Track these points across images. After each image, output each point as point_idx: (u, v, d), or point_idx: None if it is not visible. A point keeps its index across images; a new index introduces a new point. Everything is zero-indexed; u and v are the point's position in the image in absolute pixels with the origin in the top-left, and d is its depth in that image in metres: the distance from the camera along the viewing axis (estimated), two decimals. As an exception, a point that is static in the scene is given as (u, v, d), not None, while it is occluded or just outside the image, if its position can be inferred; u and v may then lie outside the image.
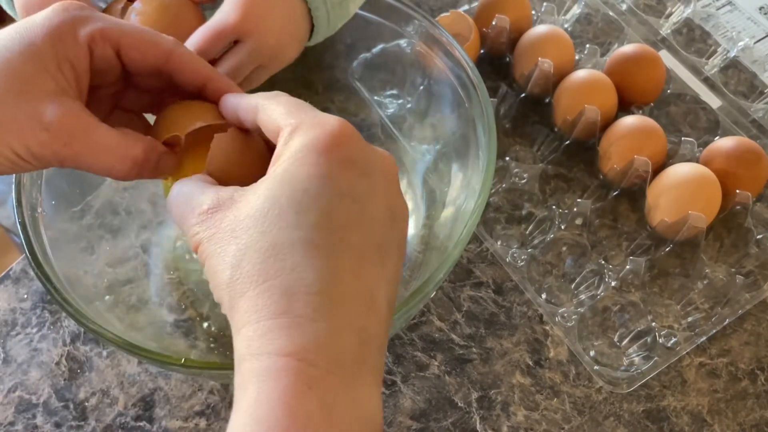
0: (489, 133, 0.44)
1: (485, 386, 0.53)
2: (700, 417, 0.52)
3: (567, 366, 0.54)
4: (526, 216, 0.60)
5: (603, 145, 0.61)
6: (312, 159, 0.26)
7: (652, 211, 0.58)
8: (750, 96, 0.70)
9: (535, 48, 0.64)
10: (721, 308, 0.56)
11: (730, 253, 0.60)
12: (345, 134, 0.26)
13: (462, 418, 0.51)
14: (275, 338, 0.23)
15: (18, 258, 0.57)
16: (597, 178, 0.62)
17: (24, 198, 0.40)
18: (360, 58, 0.59)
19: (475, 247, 0.59)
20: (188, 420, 0.50)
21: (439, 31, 0.49)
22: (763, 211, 0.62)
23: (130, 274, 0.51)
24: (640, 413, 0.52)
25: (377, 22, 0.52)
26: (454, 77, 0.49)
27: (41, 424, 0.50)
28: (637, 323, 0.55)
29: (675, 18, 0.74)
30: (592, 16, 0.74)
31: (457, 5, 0.72)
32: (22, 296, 0.55)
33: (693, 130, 0.67)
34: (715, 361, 0.55)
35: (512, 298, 0.56)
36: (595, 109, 0.60)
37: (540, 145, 0.64)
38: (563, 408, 0.52)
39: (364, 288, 0.25)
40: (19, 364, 0.52)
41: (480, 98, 0.46)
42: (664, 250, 0.59)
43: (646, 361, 0.54)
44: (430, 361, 0.53)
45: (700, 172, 0.57)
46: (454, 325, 0.55)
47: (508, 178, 0.61)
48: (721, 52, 0.71)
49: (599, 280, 0.56)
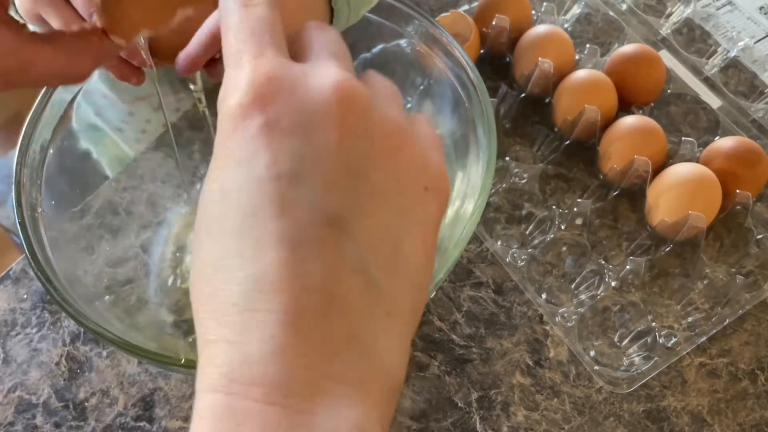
0: (489, 133, 0.44)
1: (485, 386, 0.53)
2: (700, 417, 0.52)
3: (567, 366, 0.54)
4: (526, 216, 0.60)
5: (603, 145, 0.61)
6: (226, 132, 0.20)
7: (652, 211, 0.58)
8: (750, 96, 0.70)
9: (535, 48, 0.64)
10: (721, 308, 0.56)
11: (730, 253, 0.60)
12: (269, 89, 0.20)
13: (462, 418, 0.51)
14: (201, 373, 0.19)
15: (18, 258, 0.57)
16: (597, 178, 0.62)
17: (24, 198, 0.40)
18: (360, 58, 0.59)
19: (475, 247, 0.59)
20: (188, 420, 0.50)
21: (439, 31, 0.49)
22: (763, 211, 0.62)
23: (130, 274, 0.51)
24: (640, 413, 0.52)
25: (377, 22, 0.52)
26: (454, 77, 0.49)
27: (41, 424, 0.50)
28: (637, 323, 0.55)
29: (675, 18, 0.74)
30: (592, 16, 0.74)
31: (457, 5, 0.72)
32: (22, 296, 0.55)
33: (693, 130, 0.67)
34: (715, 361, 0.55)
35: (512, 298, 0.56)
36: (595, 109, 0.60)
37: (540, 145, 0.64)
38: (563, 408, 0.52)
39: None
40: (19, 364, 0.52)
41: (480, 98, 0.46)
42: (664, 250, 0.59)
43: (646, 361, 0.54)
44: (430, 361, 0.53)
45: (700, 172, 0.57)
46: (454, 325, 0.55)
47: (508, 178, 0.61)
48: (721, 52, 0.71)
49: (599, 280, 0.56)
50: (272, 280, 0.18)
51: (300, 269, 0.19)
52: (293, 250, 0.19)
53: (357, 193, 0.20)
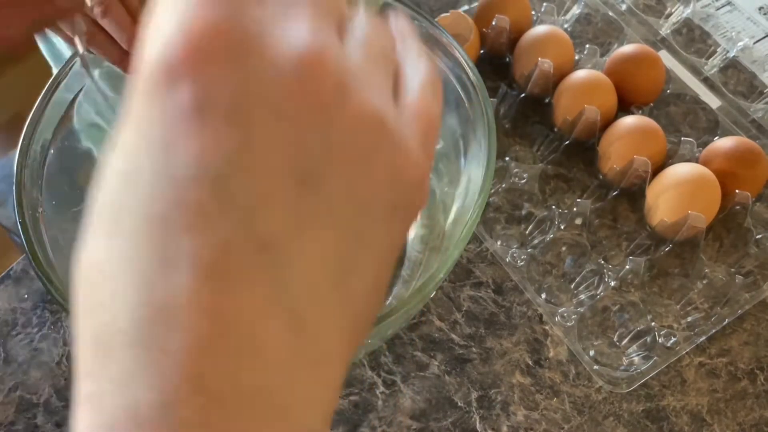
0: (489, 133, 0.44)
1: (485, 386, 0.53)
2: (699, 417, 0.52)
3: (567, 366, 0.54)
4: (526, 216, 0.60)
5: (603, 145, 0.61)
6: (142, 94, 0.15)
7: (652, 211, 0.58)
8: (749, 96, 0.70)
9: (535, 48, 0.64)
10: (720, 308, 0.56)
11: (730, 253, 0.60)
12: (210, 46, 0.14)
13: (462, 418, 0.51)
14: (77, 416, 0.15)
15: (18, 258, 0.57)
16: (597, 178, 0.62)
17: (24, 198, 0.40)
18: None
19: (475, 247, 0.59)
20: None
21: (439, 31, 0.49)
22: (762, 211, 0.62)
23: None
24: (639, 413, 0.52)
25: (377, 22, 0.52)
26: (454, 77, 0.49)
27: (42, 424, 0.50)
28: (636, 323, 0.55)
29: (675, 18, 0.74)
30: (591, 16, 0.74)
31: (457, 5, 0.72)
32: (23, 296, 0.55)
33: (693, 130, 0.67)
34: (714, 360, 0.55)
35: (512, 298, 0.56)
36: (594, 109, 0.60)
37: (540, 145, 0.64)
38: (563, 408, 0.52)
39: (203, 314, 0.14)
40: (19, 364, 0.52)
41: (480, 98, 0.46)
42: (664, 250, 0.59)
43: (646, 360, 0.54)
44: (430, 360, 0.53)
45: (700, 172, 0.57)
46: (454, 325, 0.55)
47: (508, 178, 0.61)
48: (720, 52, 0.71)
49: (599, 280, 0.57)
50: (176, 311, 0.14)
51: (213, 303, 0.14)
52: (208, 278, 0.14)
53: (302, 209, 0.15)
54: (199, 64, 0.14)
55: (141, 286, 0.14)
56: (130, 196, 0.15)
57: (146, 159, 0.14)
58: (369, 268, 0.17)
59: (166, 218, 0.14)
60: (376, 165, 0.16)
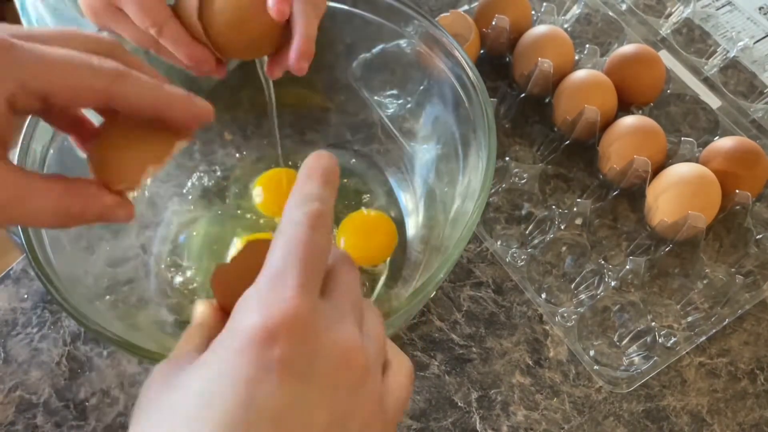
0: (489, 133, 0.44)
1: (485, 386, 0.53)
2: (699, 417, 0.52)
3: (567, 366, 0.54)
4: (526, 216, 0.60)
5: (603, 145, 0.61)
6: (231, 360, 0.21)
7: (652, 211, 0.58)
8: (749, 96, 0.70)
9: (535, 48, 0.64)
10: (720, 308, 0.56)
11: (730, 253, 0.60)
12: (293, 329, 0.21)
13: (462, 418, 0.51)
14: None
15: (18, 258, 0.57)
16: (597, 178, 0.62)
17: (24, 198, 0.40)
18: (360, 59, 0.59)
19: (475, 247, 0.59)
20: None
21: (439, 31, 0.49)
22: (762, 211, 0.62)
23: (130, 274, 0.51)
24: (639, 413, 0.52)
25: (377, 22, 0.52)
26: (454, 77, 0.49)
27: (41, 424, 0.50)
28: (636, 323, 0.55)
29: (675, 18, 0.74)
30: (591, 16, 0.74)
31: (457, 5, 0.72)
32: (23, 296, 0.55)
33: (693, 130, 0.67)
34: (714, 360, 0.55)
35: (512, 298, 0.56)
36: (594, 109, 0.60)
37: (540, 145, 0.64)
38: (563, 408, 0.52)
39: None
40: (19, 364, 0.52)
41: (480, 98, 0.46)
42: (664, 250, 0.59)
43: (646, 360, 0.54)
44: (430, 360, 0.53)
45: (700, 172, 0.57)
46: (454, 325, 0.55)
47: (508, 178, 0.61)
48: (720, 52, 0.71)
49: (599, 280, 0.57)
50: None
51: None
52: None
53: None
54: (285, 336, 0.21)
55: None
56: (210, 411, 0.20)
57: (231, 386, 0.20)
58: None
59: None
60: (353, 391, 0.23)
